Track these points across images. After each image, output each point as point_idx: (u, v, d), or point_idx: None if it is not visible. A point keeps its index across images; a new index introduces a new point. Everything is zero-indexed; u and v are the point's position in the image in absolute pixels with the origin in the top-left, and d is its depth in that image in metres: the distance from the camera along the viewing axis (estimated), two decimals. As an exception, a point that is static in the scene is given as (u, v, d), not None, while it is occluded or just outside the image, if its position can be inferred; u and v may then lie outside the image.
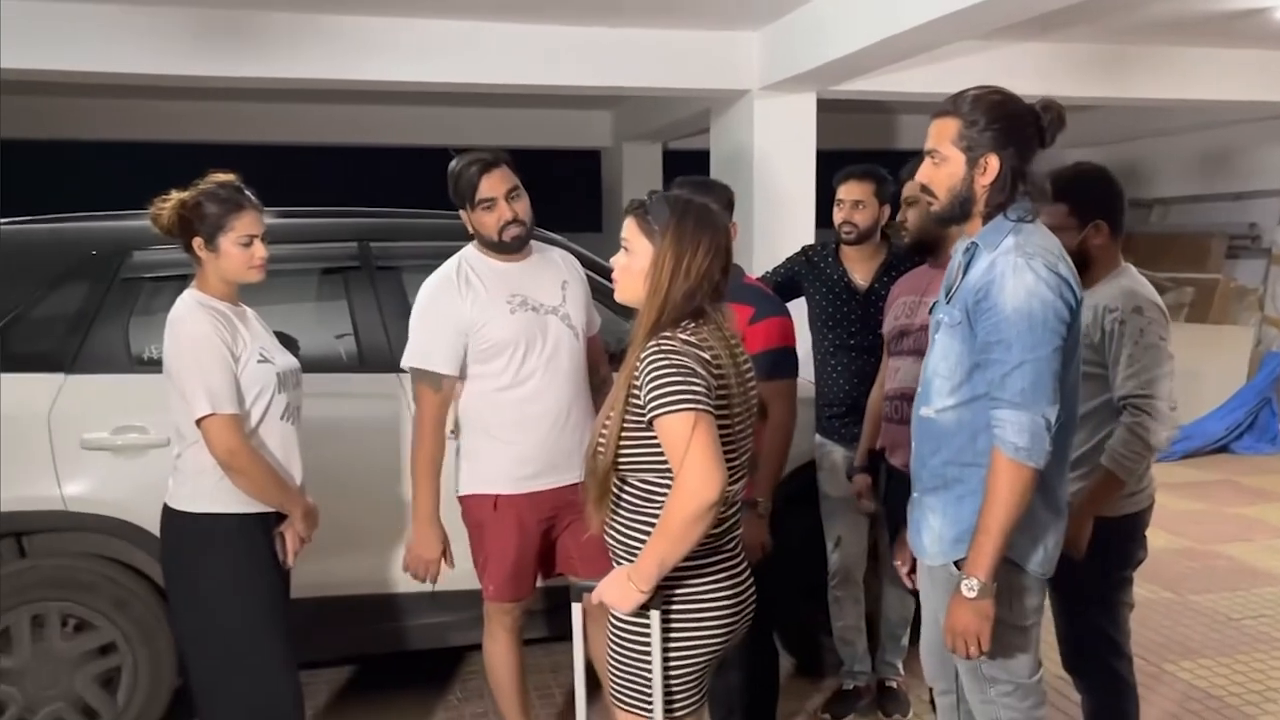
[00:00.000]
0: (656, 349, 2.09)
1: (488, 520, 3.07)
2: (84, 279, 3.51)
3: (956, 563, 2.27)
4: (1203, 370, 8.63)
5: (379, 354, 3.67)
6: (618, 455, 2.16)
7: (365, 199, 4.34)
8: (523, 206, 3.05)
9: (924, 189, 2.34)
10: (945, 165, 2.28)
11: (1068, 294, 2.19)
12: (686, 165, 8.56)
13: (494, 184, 3.00)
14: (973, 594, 2.19)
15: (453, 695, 4.07)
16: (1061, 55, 7.20)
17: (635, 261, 2.18)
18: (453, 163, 3.06)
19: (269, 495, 2.77)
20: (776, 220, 6.92)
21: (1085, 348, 2.74)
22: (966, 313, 2.24)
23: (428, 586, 3.64)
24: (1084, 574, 2.80)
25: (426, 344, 3.04)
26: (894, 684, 3.87)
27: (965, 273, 2.29)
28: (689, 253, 2.13)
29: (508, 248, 3.06)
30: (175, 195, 2.78)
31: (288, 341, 3.75)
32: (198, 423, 2.67)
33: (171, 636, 3.41)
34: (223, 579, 2.75)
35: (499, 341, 3.00)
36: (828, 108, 7.29)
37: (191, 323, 2.71)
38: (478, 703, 3.97)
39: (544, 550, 3.15)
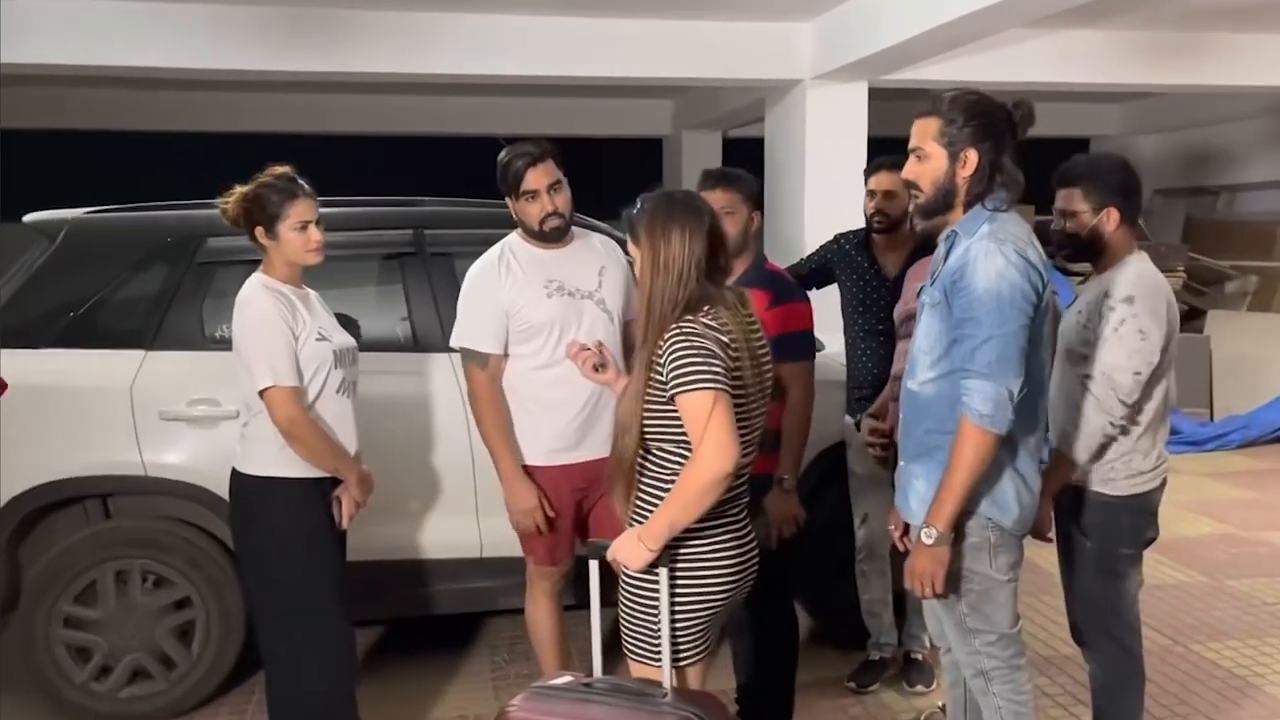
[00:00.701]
0: (679, 331, 2.28)
1: (526, 489, 3.29)
2: (163, 263, 3.82)
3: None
4: (1265, 359, 8.57)
5: (432, 335, 3.91)
6: (642, 429, 2.36)
7: (433, 188, 4.56)
8: (563, 199, 3.26)
9: (910, 184, 2.52)
10: (929, 161, 2.47)
11: (1034, 277, 2.37)
12: (745, 153, 8.77)
13: (538, 177, 3.20)
14: (930, 540, 2.42)
15: (500, 658, 4.33)
16: (1114, 42, 7.22)
17: (638, 271, 2.41)
18: (502, 153, 3.26)
19: (325, 461, 3.02)
20: (829, 207, 7.04)
21: (1091, 330, 2.87)
22: (945, 293, 2.43)
23: (476, 553, 3.92)
24: (1092, 550, 2.94)
25: (471, 325, 3.27)
26: (919, 656, 4.02)
27: (947, 258, 2.46)
28: (662, 245, 2.32)
29: (548, 237, 3.27)
30: (238, 190, 3.04)
31: (349, 323, 4.02)
32: (261, 393, 2.93)
33: (240, 593, 3.72)
34: (282, 536, 3.02)
35: (535, 323, 3.21)
36: (880, 95, 7.39)
37: (257, 303, 2.97)
38: (524, 664, 4.20)
39: (580, 519, 3.37)
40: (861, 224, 4.10)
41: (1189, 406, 8.52)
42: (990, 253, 2.35)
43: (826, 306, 4.16)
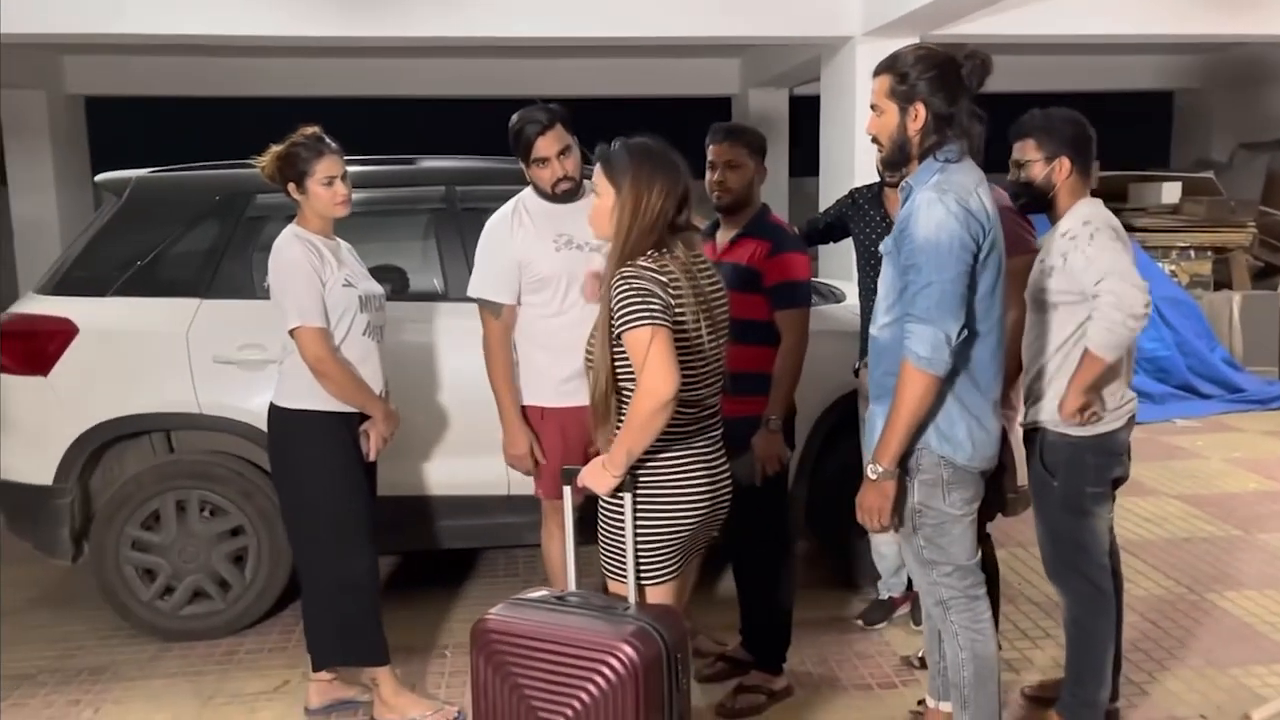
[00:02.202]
0: (621, 277, 2.48)
1: (538, 429, 3.53)
2: (216, 218, 4.13)
3: (902, 460, 2.62)
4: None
5: (464, 286, 4.15)
6: (613, 368, 2.56)
7: (494, 150, 4.73)
8: (572, 163, 3.44)
9: (874, 139, 2.66)
10: (884, 117, 2.62)
11: (974, 226, 2.50)
12: (812, 109, 8.82)
13: (548, 144, 3.39)
14: (875, 476, 2.59)
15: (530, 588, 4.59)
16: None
17: (602, 203, 2.58)
18: (513, 119, 3.46)
19: (352, 397, 3.29)
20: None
21: (1057, 276, 2.96)
22: (896, 242, 2.56)
23: (503, 490, 4.18)
24: (1058, 489, 3.05)
25: (486, 276, 3.50)
26: (927, 596, 4.17)
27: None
28: (646, 195, 2.50)
29: (559, 199, 3.47)
30: (272, 149, 3.31)
31: (395, 273, 4.28)
32: (290, 333, 3.21)
33: (286, 521, 4.06)
34: (312, 465, 3.31)
35: (544, 275, 3.42)
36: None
37: (287, 251, 3.25)
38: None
39: (588, 460, 3.58)
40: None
41: (1257, 365, 8.37)
42: (931, 203, 2.49)
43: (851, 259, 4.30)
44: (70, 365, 3.96)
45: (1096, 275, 2.83)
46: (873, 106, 2.66)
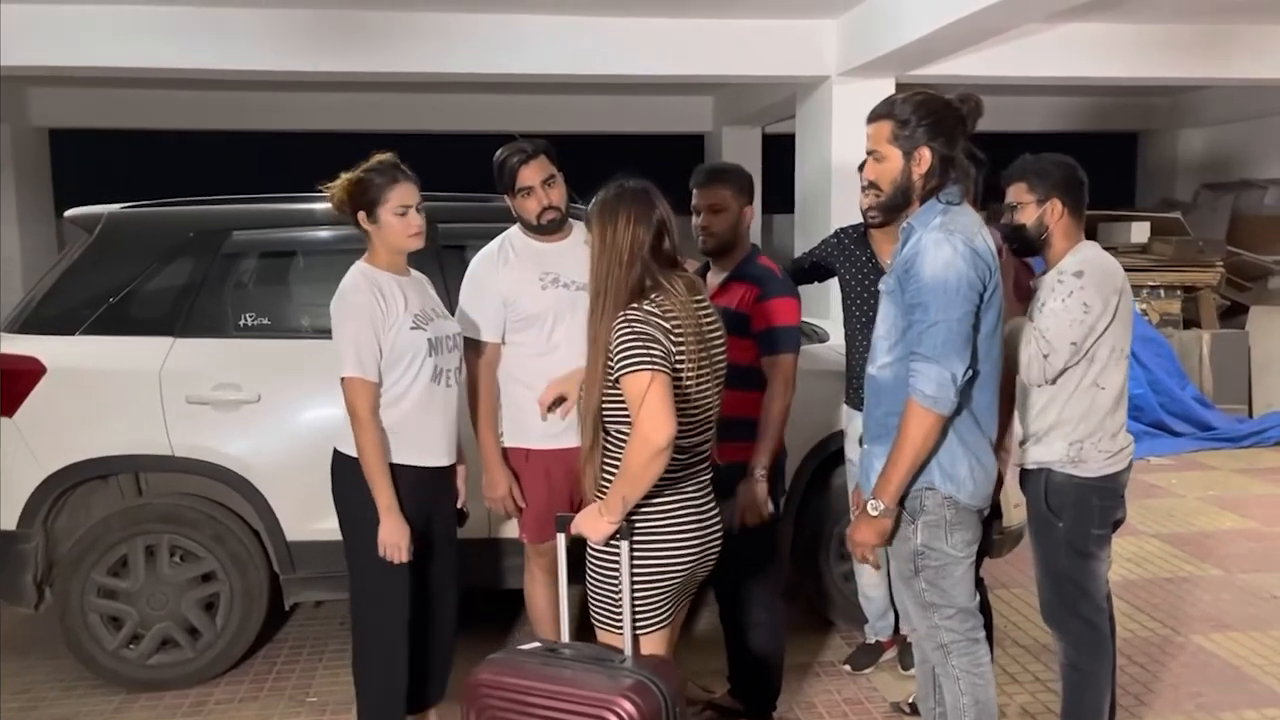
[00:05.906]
0: (624, 319, 2.43)
1: (522, 470, 3.46)
2: (190, 255, 4.02)
3: (901, 501, 2.60)
4: (1307, 355, 8.45)
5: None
6: (601, 409, 2.50)
7: (477, 186, 4.67)
8: (557, 193, 3.41)
9: (871, 184, 2.65)
10: (886, 162, 2.60)
11: (981, 267, 2.49)
12: (785, 148, 8.86)
13: (531, 173, 3.36)
14: (876, 513, 2.58)
15: (517, 635, 4.49)
16: (1144, 36, 7.23)
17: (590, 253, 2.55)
18: (497, 153, 3.43)
19: (368, 469, 3.02)
20: (855, 203, 7.09)
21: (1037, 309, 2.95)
22: (899, 281, 2.54)
23: (485, 533, 4.09)
24: (1063, 531, 3.02)
25: (471, 313, 3.45)
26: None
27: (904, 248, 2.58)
28: (610, 229, 2.47)
29: (545, 229, 3.43)
30: (344, 176, 3.12)
31: None
32: (341, 380, 3.01)
33: (261, 567, 3.94)
34: (354, 512, 3.11)
35: (530, 314, 3.37)
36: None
37: (352, 294, 3.04)
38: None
39: (575, 501, 3.51)
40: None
41: (1227, 403, 8.44)
42: (939, 243, 2.47)
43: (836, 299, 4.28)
44: (37, 406, 3.83)
45: (1042, 331, 2.87)
46: (870, 152, 2.64)
